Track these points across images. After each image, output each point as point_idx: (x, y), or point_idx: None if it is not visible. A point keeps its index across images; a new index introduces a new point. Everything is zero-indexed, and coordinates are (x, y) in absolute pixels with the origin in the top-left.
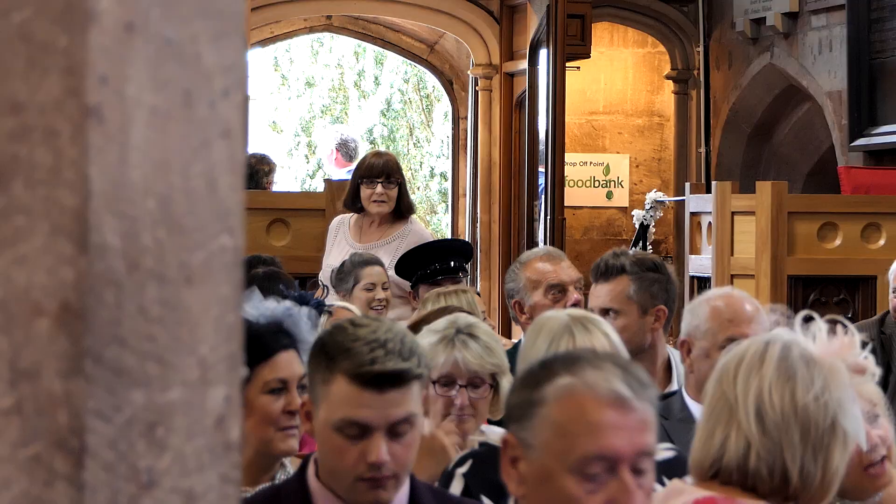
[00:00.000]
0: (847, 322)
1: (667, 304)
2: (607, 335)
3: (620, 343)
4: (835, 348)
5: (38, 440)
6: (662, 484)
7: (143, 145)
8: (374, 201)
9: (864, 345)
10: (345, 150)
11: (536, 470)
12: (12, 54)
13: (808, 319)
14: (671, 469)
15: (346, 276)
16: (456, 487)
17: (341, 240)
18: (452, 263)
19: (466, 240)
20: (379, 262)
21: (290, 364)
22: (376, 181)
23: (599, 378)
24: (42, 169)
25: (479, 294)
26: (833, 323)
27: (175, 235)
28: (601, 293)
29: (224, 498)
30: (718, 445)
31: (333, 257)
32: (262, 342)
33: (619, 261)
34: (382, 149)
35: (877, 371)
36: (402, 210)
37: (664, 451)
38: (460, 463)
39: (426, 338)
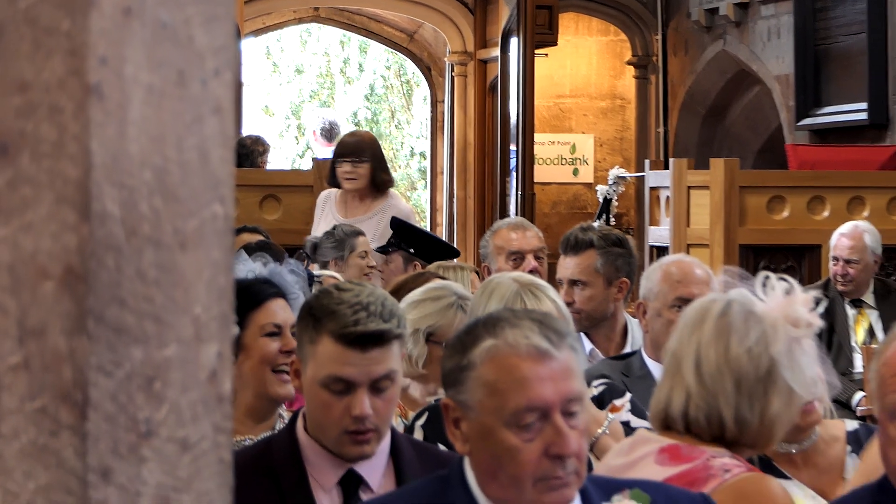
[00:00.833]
0: (793, 280)
1: (629, 277)
2: (554, 301)
3: (566, 308)
4: (781, 304)
5: (44, 393)
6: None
7: (140, 121)
8: (346, 178)
9: (817, 301)
10: (324, 132)
11: (477, 428)
12: (19, 37)
13: (765, 279)
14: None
15: (340, 244)
16: (417, 437)
17: (328, 213)
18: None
19: (458, 249)
20: (363, 234)
21: (283, 310)
22: (346, 159)
23: (519, 336)
24: (47, 143)
25: (477, 272)
26: (783, 281)
27: (170, 204)
28: (570, 265)
29: (217, 446)
30: (665, 397)
31: (321, 230)
32: (254, 290)
33: (588, 235)
34: (365, 129)
35: (818, 322)
36: (377, 185)
37: (595, 388)
38: (419, 416)
39: (427, 306)
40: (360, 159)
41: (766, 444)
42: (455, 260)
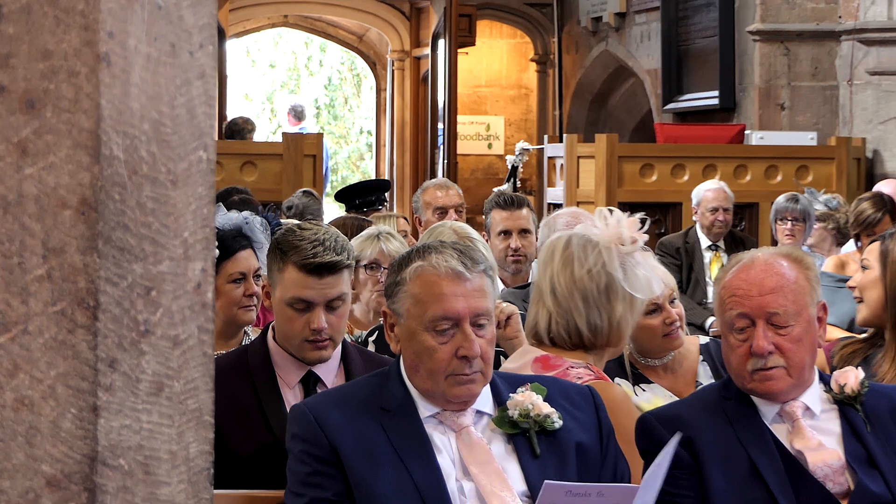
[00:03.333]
0: (618, 210)
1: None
2: (482, 252)
3: (491, 256)
4: (612, 230)
5: (63, 299)
6: None
7: (140, 83)
8: None
9: (642, 221)
10: (294, 113)
11: (405, 331)
12: (43, 15)
13: (602, 213)
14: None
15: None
16: (371, 349)
17: None
18: (374, 198)
19: (386, 178)
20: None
21: (248, 260)
22: None
23: (441, 259)
24: (66, 100)
25: (405, 219)
26: (612, 212)
27: (164, 149)
28: (523, 216)
29: (201, 343)
30: (532, 319)
31: None
32: (226, 244)
33: (520, 195)
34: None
35: (644, 238)
36: None
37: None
38: (371, 334)
39: (356, 240)
40: None
41: (619, 342)
42: (386, 206)
